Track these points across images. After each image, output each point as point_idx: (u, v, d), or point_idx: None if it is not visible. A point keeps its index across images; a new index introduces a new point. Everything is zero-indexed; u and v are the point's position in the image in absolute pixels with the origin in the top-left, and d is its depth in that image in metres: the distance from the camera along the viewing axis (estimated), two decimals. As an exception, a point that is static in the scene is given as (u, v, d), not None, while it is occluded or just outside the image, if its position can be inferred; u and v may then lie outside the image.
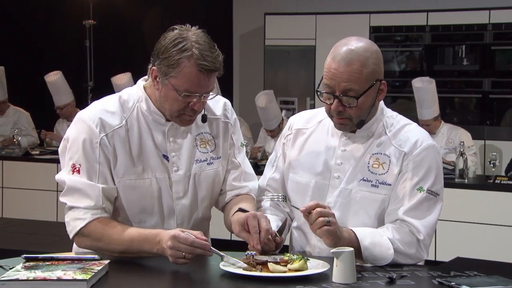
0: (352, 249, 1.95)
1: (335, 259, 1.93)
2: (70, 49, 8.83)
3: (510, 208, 5.33)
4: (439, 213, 2.25)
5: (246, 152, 6.46)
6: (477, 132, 7.25)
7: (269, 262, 2.00)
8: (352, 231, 2.15)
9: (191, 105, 2.18)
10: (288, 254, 2.06)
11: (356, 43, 2.18)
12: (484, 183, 5.60)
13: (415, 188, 2.21)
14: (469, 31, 7.48)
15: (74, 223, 2.20)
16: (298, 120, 2.44)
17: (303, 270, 1.97)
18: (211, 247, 2.05)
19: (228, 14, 9.06)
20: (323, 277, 1.96)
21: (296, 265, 1.98)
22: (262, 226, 2.12)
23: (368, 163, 2.25)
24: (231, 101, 8.67)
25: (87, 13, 8.59)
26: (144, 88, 2.29)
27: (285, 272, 1.96)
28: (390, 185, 2.23)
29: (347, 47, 2.17)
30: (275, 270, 1.96)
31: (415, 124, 2.34)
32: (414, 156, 2.22)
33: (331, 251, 1.97)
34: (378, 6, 7.89)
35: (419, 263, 2.24)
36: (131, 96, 2.29)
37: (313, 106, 8.11)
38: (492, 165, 5.66)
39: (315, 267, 2.01)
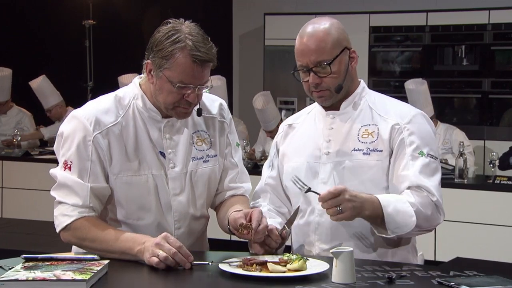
0: (351, 249, 1.95)
1: (334, 259, 1.93)
2: (70, 49, 8.82)
3: (509, 208, 5.33)
4: (440, 174, 2.31)
5: (244, 152, 6.50)
6: (476, 132, 7.25)
7: (269, 262, 2.00)
8: (376, 198, 2.18)
9: (186, 97, 2.19)
10: (288, 254, 2.06)
11: (316, 21, 2.33)
12: (483, 183, 5.60)
13: (416, 152, 2.26)
14: (469, 31, 7.48)
15: (61, 218, 2.23)
16: (289, 119, 2.55)
17: (302, 270, 1.97)
18: (194, 262, 2.05)
19: (228, 14, 9.07)
20: (323, 277, 1.96)
21: (295, 265, 1.98)
22: (263, 222, 2.14)
23: (358, 135, 2.31)
24: (231, 101, 8.65)
25: (87, 13, 8.59)
26: (140, 85, 2.31)
27: (284, 272, 1.96)
28: (381, 151, 2.28)
29: (309, 25, 2.32)
30: (275, 270, 1.96)
31: (397, 100, 2.42)
32: (406, 124, 2.29)
33: (331, 251, 1.97)
34: (378, 6, 7.89)
35: (417, 263, 2.25)
36: (127, 94, 2.30)
37: (312, 106, 8.10)
38: (491, 165, 5.66)
39: (314, 267, 2.01)
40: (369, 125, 2.32)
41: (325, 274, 1.97)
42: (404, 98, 7.34)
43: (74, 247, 2.33)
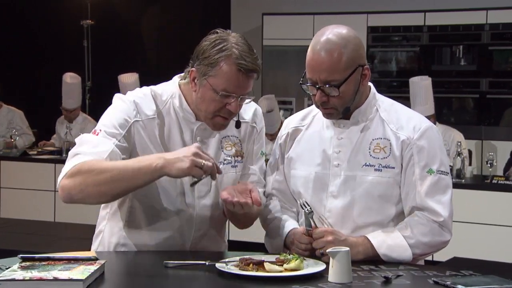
0: (348, 248, 1.96)
1: (331, 258, 1.94)
2: (68, 49, 8.83)
3: (507, 208, 5.34)
4: (452, 189, 2.29)
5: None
6: (474, 132, 7.26)
7: (265, 261, 2.00)
8: (368, 239, 2.20)
9: (227, 106, 2.18)
10: (284, 254, 2.06)
11: (332, 32, 2.20)
12: (481, 183, 5.61)
13: (425, 171, 2.24)
14: (467, 31, 7.49)
15: (69, 164, 2.09)
16: (293, 119, 2.47)
17: (299, 270, 1.98)
18: (191, 262, 2.06)
19: (226, 14, 9.07)
20: (319, 276, 1.96)
21: (292, 264, 1.98)
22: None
23: (369, 149, 2.27)
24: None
25: (85, 13, 8.59)
26: (179, 85, 2.30)
27: (281, 271, 1.96)
28: (393, 168, 2.25)
29: (324, 37, 2.20)
30: (271, 269, 1.96)
31: (408, 108, 2.38)
32: (415, 141, 2.25)
33: (327, 250, 1.98)
34: (376, 6, 7.89)
35: (416, 263, 2.26)
36: (165, 91, 2.29)
37: (311, 106, 8.10)
38: (489, 165, 5.67)
39: (311, 266, 2.02)
40: (381, 139, 2.27)
41: (321, 273, 1.97)
42: (402, 99, 7.37)
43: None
